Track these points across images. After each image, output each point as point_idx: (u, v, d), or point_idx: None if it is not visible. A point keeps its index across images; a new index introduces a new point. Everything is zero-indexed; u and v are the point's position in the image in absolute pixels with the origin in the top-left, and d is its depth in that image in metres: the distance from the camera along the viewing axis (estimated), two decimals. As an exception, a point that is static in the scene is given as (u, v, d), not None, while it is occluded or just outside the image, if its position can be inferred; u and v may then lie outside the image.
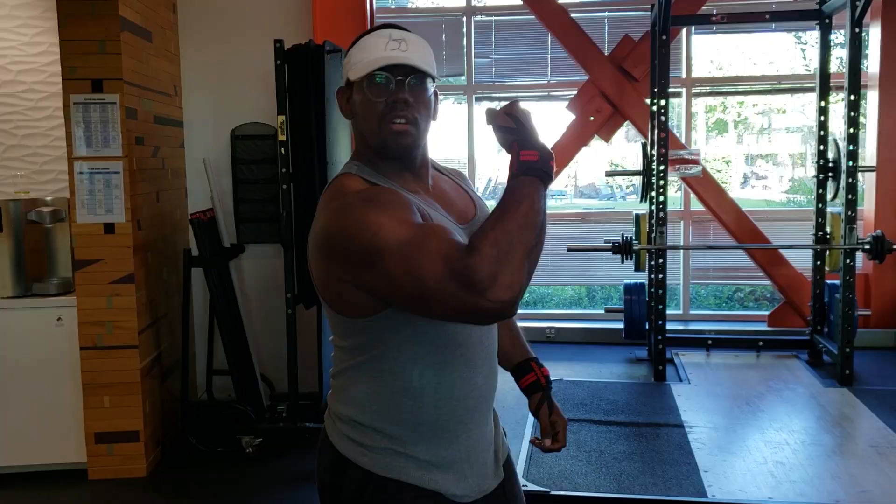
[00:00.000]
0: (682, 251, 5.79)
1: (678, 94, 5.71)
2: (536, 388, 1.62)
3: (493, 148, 6.63)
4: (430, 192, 1.44)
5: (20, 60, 4.27)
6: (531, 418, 3.80)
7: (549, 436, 1.59)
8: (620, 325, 5.25)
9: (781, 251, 5.44)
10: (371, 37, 1.39)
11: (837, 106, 5.05)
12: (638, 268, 5.02)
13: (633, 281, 5.21)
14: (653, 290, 4.80)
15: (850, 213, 4.48)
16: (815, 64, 5.08)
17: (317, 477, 1.49)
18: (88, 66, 3.55)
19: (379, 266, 1.20)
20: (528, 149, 1.24)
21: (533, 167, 1.23)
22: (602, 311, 5.79)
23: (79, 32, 3.53)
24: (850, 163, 4.44)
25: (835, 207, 4.83)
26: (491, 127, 1.32)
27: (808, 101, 6.27)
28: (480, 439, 1.46)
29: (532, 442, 1.62)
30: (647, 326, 5.07)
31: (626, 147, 7.06)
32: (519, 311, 1.72)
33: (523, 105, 1.30)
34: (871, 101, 5.30)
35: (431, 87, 1.40)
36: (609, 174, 6.43)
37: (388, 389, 1.38)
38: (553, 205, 6.92)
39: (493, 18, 5.79)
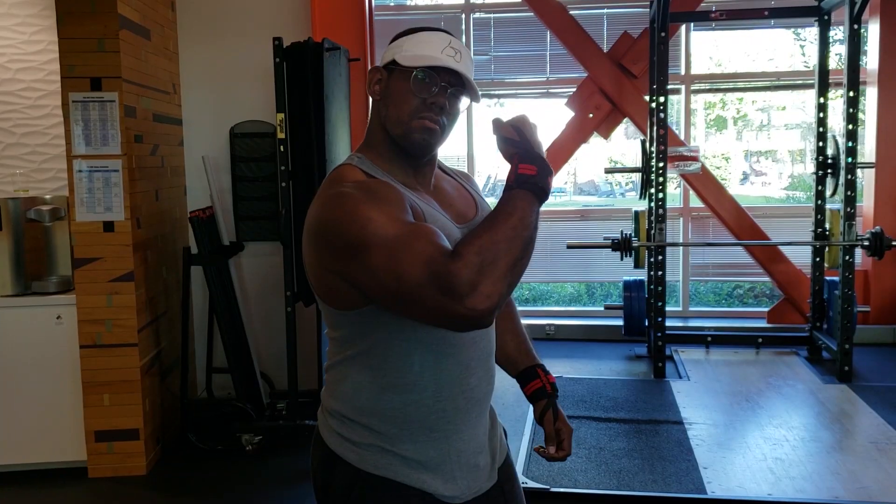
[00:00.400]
0: (681, 248, 5.79)
1: (677, 91, 5.71)
2: (542, 394, 1.61)
3: (493, 146, 6.63)
4: (429, 191, 1.44)
5: (19, 58, 4.26)
6: (530, 416, 3.81)
7: (553, 443, 1.57)
8: (620, 322, 5.25)
9: (781, 248, 5.44)
10: (432, 34, 1.39)
11: (837, 102, 5.05)
12: (637, 265, 5.03)
13: (632, 278, 5.21)
14: (652, 286, 4.80)
15: (849, 209, 4.49)
16: (814, 60, 5.08)
17: (311, 473, 1.50)
18: (87, 65, 3.54)
19: (363, 259, 1.20)
20: (527, 163, 1.25)
21: (529, 181, 1.24)
22: (602, 308, 5.80)
23: (77, 31, 3.53)
24: (850, 159, 4.45)
25: (834, 204, 4.83)
26: (495, 136, 1.33)
27: (808, 98, 6.26)
28: (472, 441, 1.45)
29: (536, 451, 1.60)
30: (646, 323, 5.08)
31: (625, 144, 7.06)
32: (519, 309, 1.72)
33: (531, 120, 1.31)
34: (870, 98, 5.31)
35: (465, 104, 1.42)
36: (608, 171, 6.43)
37: (377, 385, 1.38)
38: (552, 202, 6.92)
39: (491, 15, 5.79)
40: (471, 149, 5.83)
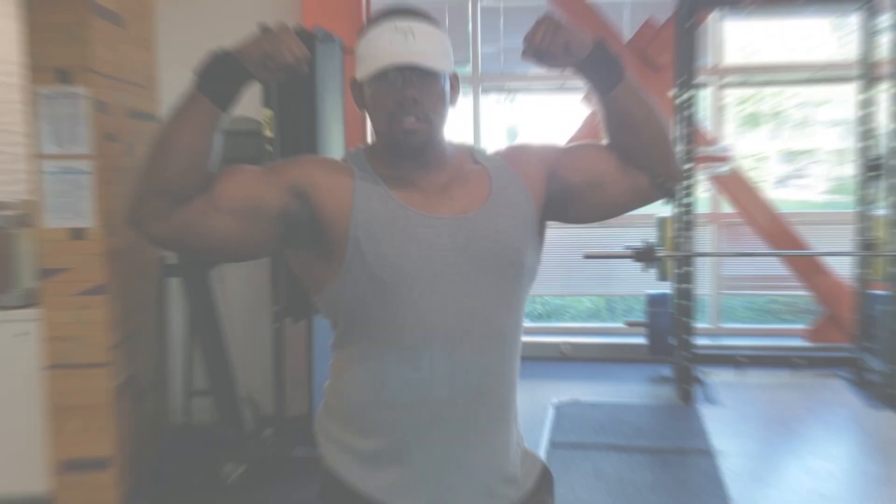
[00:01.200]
0: (711, 258, 5.78)
1: (706, 85, 5.71)
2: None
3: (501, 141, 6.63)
4: (432, 186, 1.45)
5: (-19, 49, 4.29)
6: (544, 442, 3.80)
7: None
8: (643, 341, 5.24)
9: (822, 258, 5.43)
10: (375, 29, 1.41)
11: (885, 97, 5.04)
12: (662, 277, 5.01)
13: (656, 291, 5.20)
14: (679, 301, 4.79)
15: (897, 215, 4.48)
16: (858, 51, 5.07)
17: None
18: (54, 55, 3.56)
19: None
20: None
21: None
22: (622, 325, 5.78)
23: (45, 18, 3.54)
24: (897, 160, 4.44)
25: (881, 210, 4.82)
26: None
27: (851, 92, 6.26)
28: (446, 465, 1.42)
29: None
30: (672, 342, 5.06)
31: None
32: (529, 325, 1.72)
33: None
34: (921, 92, 5.29)
35: (445, 76, 1.42)
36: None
37: (343, 378, 1.47)
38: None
39: (501, 3, 5.81)
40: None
